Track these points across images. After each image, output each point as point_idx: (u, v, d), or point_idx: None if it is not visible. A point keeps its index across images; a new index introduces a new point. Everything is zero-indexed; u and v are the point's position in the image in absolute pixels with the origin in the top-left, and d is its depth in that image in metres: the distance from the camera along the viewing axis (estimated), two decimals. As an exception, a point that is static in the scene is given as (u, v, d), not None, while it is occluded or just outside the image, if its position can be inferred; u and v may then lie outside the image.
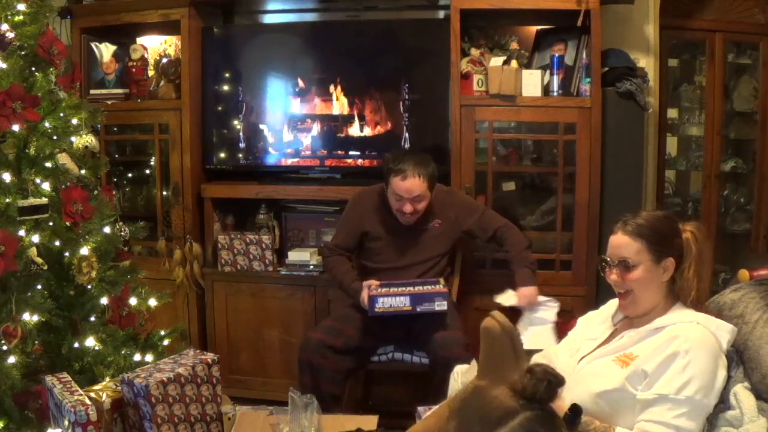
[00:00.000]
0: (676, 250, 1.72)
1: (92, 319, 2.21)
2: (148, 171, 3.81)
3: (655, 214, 1.77)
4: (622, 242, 1.73)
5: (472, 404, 1.11)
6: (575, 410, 1.48)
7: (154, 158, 3.66)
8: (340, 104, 3.50)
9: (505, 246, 2.96)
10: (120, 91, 3.57)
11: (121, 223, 2.44)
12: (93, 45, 3.58)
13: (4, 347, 1.91)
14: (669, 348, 1.61)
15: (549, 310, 2.85)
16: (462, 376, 1.99)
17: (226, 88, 3.58)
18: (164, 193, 3.60)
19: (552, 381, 1.10)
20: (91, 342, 2.15)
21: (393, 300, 2.70)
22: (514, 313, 2.79)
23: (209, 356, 1.87)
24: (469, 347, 2.69)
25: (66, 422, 1.62)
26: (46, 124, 2.09)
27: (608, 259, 1.76)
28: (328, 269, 3.05)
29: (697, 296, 1.73)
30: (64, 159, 2.17)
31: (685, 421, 1.54)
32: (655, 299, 1.74)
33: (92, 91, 3.57)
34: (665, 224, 1.74)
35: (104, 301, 2.22)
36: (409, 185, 2.78)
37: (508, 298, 2.84)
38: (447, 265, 3.03)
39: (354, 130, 3.50)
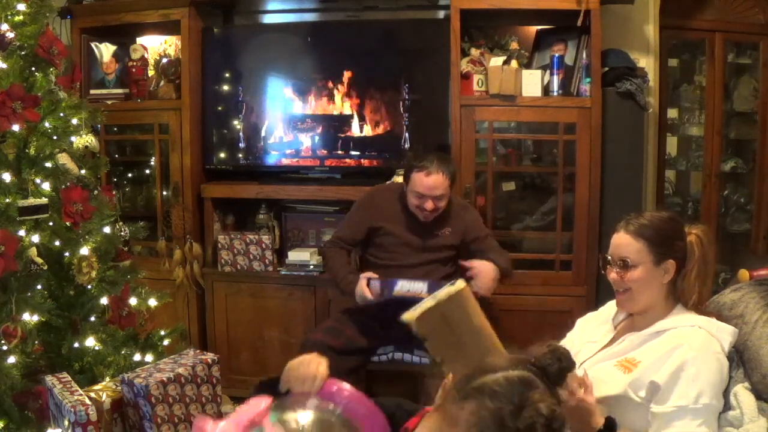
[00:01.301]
0: (678, 252, 1.72)
1: (92, 319, 2.21)
2: (148, 171, 3.81)
3: (660, 215, 1.76)
4: (623, 241, 1.73)
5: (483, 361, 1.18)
6: (610, 424, 1.50)
7: (154, 158, 3.66)
8: (340, 104, 3.50)
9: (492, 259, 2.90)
10: (120, 91, 3.57)
11: (121, 223, 2.44)
12: (93, 45, 3.58)
13: (4, 347, 1.91)
14: (674, 357, 1.60)
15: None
16: None
17: (226, 88, 3.58)
18: (164, 193, 3.60)
19: (563, 362, 1.16)
20: (91, 342, 2.15)
21: (411, 285, 2.66)
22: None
23: (209, 356, 1.87)
24: None
25: (66, 422, 1.62)
26: (46, 124, 2.09)
27: (609, 257, 1.76)
28: (325, 260, 3.05)
29: (698, 299, 1.73)
30: (64, 159, 2.17)
31: (706, 428, 1.55)
32: (653, 299, 1.73)
33: (92, 91, 3.57)
34: (669, 226, 1.73)
35: (104, 301, 2.22)
36: (433, 182, 2.76)
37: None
38: (451, 268, 3.01)
39: (354, 130, 3.50)
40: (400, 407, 1.54)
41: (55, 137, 2.11)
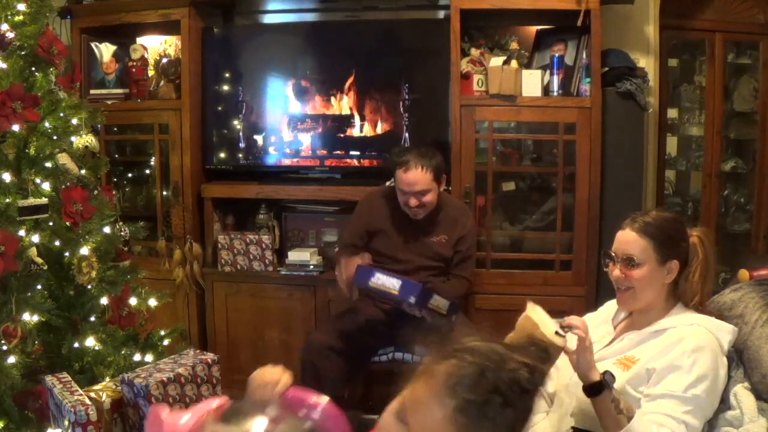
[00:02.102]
0: (682, 253, 1.72)
1: (92, 319, 2.21)
2: (148, 171, 3.81)
3: (664, 215, 1.76)
4: (629, 239, 1.73)
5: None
6: (604, 380, 1.55)
7: (154, 158, 3.66)
8: (340, 104, 3.50)
9: (446, 282, 2.92)
10: (120, 91, 3.57)
11: (121, 223, 2.44)
12: (93, 45, 3.58)
13: (4, 347, 1.91)
14: (673, 350, 1.61)
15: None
16: None
17: (226, 88, 3.58)
18: (164, 193, 3.60)
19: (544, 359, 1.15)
20: (91, 342, 2.15)
21: (387, 279, 2.62)
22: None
23: (209, 356, 1.88)
24: None
25: (66, 422, 1.62)
26: (46, 124, 2.09)
27: (613, 254, 1.76)
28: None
29: (700, 300, 1.73)
30: (64, 159, 2.17)
31: (691, 418, 1.55)
32: (654, 299, 1.74)
33: (92, 91, 3.57)
34: (673, 226, 1.74)
35: (104, 301, 2.22)
36: (412, 177, 2.75)
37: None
38: (442, 276, 2.97)
39: (354, 130, 3.49)
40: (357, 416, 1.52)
41: (55, 137, 2.11)
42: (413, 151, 2.83)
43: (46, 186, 2.05)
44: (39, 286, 2.04)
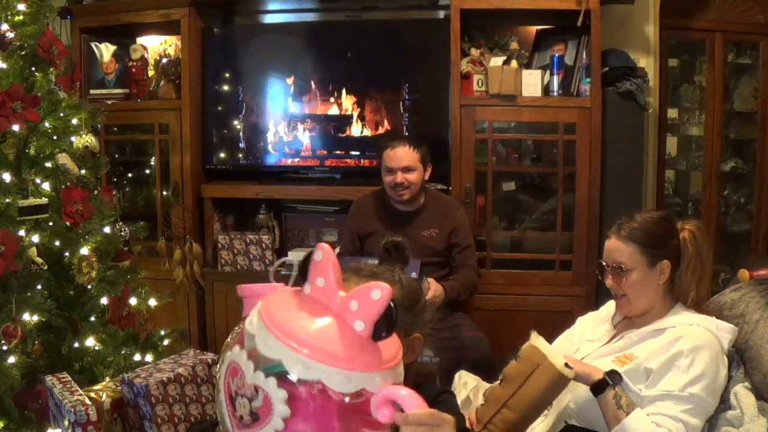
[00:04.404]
0: (671, 252, 1.72)
1: (92, 319, 2.20)
2: (148, 171, 3.81)
3: (650, 216, 1.75)
4: (615, 247, 1.73)
5: None
6: (605, 379, 1.59)
7: (154, 158, 3.66)
8: (340, 104, 3.50)
9: (455, 274, 2.94)
10: (120, 91, 3.57)
11: (121, 223, 2.44)
12: (93, 45, 3.58)
13: (4, 347, 1.91)
14: (671, 349, 1.61)
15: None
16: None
17: (226, 88, 3.58)
18: (164, 193, 3.60)
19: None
20: (91, 342, 2.15)
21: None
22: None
23: (209, 356, 1.87)
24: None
25: (66, 422, 1.62)
26: (46, 124, 2.09)
27: (604, 263, 1.76)
28: None
29: (697, 297, 1.72)
30: (64, 159, 2.17)
31: (689, 416, 1.55)
32: (651, 301, 1.73)
33: (92, 91, 3.57)
34: (660, 226, 1.73)
35: (104, 301, 2.22)
36: (400, 153, 2.84)
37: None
38: (443, 269, 2.99)
39: (354, 130, 3.50)
40: None
41: (55, 137, 2.10)
42: (402, 136, 2.98)
43: (46, 186, 2.05)
44: (39, 286, 2.04)
